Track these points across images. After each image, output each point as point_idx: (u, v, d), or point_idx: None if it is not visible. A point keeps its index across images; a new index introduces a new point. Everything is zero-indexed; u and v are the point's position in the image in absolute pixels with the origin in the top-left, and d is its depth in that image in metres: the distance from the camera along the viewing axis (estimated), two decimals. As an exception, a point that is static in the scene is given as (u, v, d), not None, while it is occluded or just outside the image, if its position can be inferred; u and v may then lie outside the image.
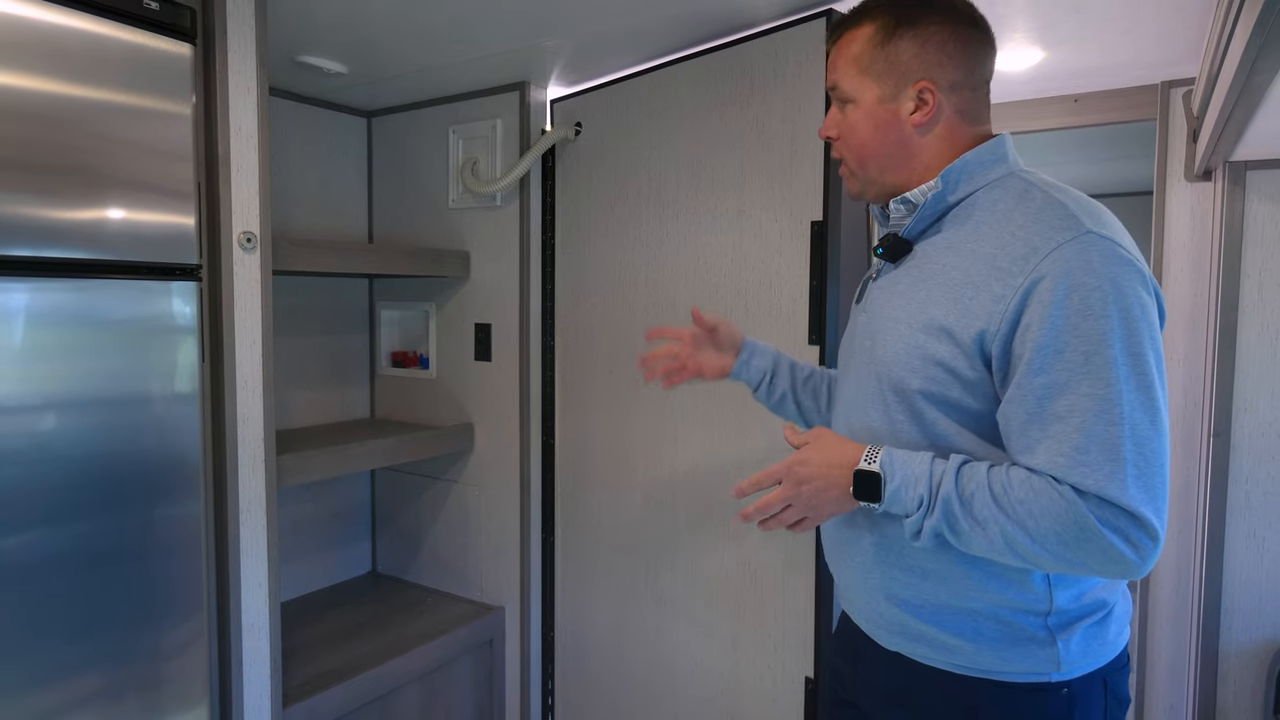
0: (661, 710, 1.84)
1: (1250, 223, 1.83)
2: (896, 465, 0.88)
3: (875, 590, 0.99)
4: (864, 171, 1.01)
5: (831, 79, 1.01)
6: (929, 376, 0.89)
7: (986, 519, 0.83)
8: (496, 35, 1.66)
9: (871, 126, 0.97)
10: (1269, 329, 1.83)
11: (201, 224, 1.32)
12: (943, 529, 0.85)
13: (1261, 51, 0.95)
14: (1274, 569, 1.83)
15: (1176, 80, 1.97)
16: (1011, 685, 0.92)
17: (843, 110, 1.01)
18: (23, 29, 1.10)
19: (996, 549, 0.84)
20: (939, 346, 0.89)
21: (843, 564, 1.04)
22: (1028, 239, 0.85)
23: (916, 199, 0.97)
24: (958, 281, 0.89)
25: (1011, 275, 0.84)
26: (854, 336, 1.07)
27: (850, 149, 1.01)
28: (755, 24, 1.58)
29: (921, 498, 0.86)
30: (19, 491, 1.12)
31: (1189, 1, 1.50)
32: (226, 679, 1.40)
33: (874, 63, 0.96)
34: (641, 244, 1.81)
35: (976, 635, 0.92)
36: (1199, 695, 1.89)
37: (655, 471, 1.82)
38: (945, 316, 0.89)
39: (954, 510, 0.84)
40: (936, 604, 0.94)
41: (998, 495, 0.83)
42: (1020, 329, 0.83)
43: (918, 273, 0.96)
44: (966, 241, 0.91)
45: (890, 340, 0.95)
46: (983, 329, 0.85)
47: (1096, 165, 3.05)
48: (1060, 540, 0.80)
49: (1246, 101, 1.22)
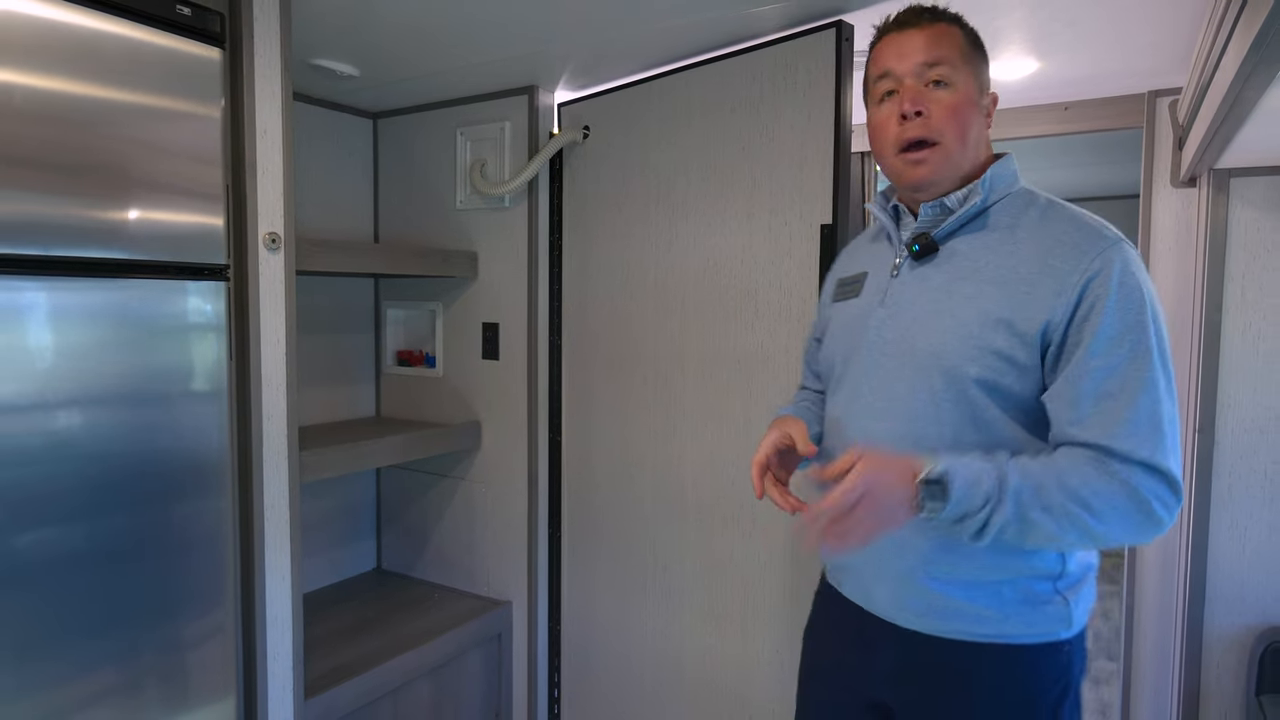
0: (670, 699, 1.89)
1: (1234, 227, 1.91)
2: (958, 469, 0.90)
3: (910, 572, 1.03)
4: (956, 156, 1.02)
5: (936, 54, 1.01)
6: (986, 365, 0.96)
7: (1053, 505, 0.89)
8: (507, 41, 1.69)
9: (972, 113, 1.03)
10: (1251, 330, 1.91)
11: (229, 225, 1.34)
12: (1009, 522, 0.89)
13: (1256, 67, 1.01)
14: (1255, 558, 1.91)
15: (1162, 90, 2.05)
16: (1032, 647, 1.00)
17: (939, 90, 1.01)
18: (63, 34, 1.12)
19: (1060, 532, 0.90)
20: (997, 337, 0.96)
21: (870, 552, 1.06)
22: (1075, 242, 0.96)
23: (954, 204, 1.04)
24: (1008, 278, 0.97)
25: (1067, 272, 0.94)
26: (865, 332, 1.10)
27: (954, 128, 1.01)
28: (762, 35, 1.63)
29: (988, 494, 0.89)
30: (52, 487, 1.14)
31: (1177, 16, 1.57)
32: (251, 671, 1.43)
33: (971, 60, 1.03)
34: (650, 245, 1.86)
35: (1002, 604, 1.00)
36: (1184, 679, 1.97)
37: (661, 467, 1.86)
38: (1002, 310, 0.96)
39: (1024, 500, 0.89)
40: (968, 579, 1.00)
41: (1061, 481, 0.90)
42: (1078, 318, 0.93)
43: (953, 270, 1.02)
44: (1004, 244, 1.00)
45: (940, 332, 1.00)
46: (1047, 319, 0.94)
47: (1085, 170, 3.15)
48: (1117, 512, 0.89)
49: (1236, 113, 1.29)
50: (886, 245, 1.15)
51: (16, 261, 1.09)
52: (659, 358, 1.86)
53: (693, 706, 1.85)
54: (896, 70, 1.03)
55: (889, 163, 1.07)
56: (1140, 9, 1.54)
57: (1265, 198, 1.89)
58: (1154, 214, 2.09)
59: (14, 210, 1.08)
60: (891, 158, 1.06)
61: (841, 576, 1.18)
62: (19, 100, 1.08)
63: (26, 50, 1.08)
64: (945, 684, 1.04)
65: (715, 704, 1.80)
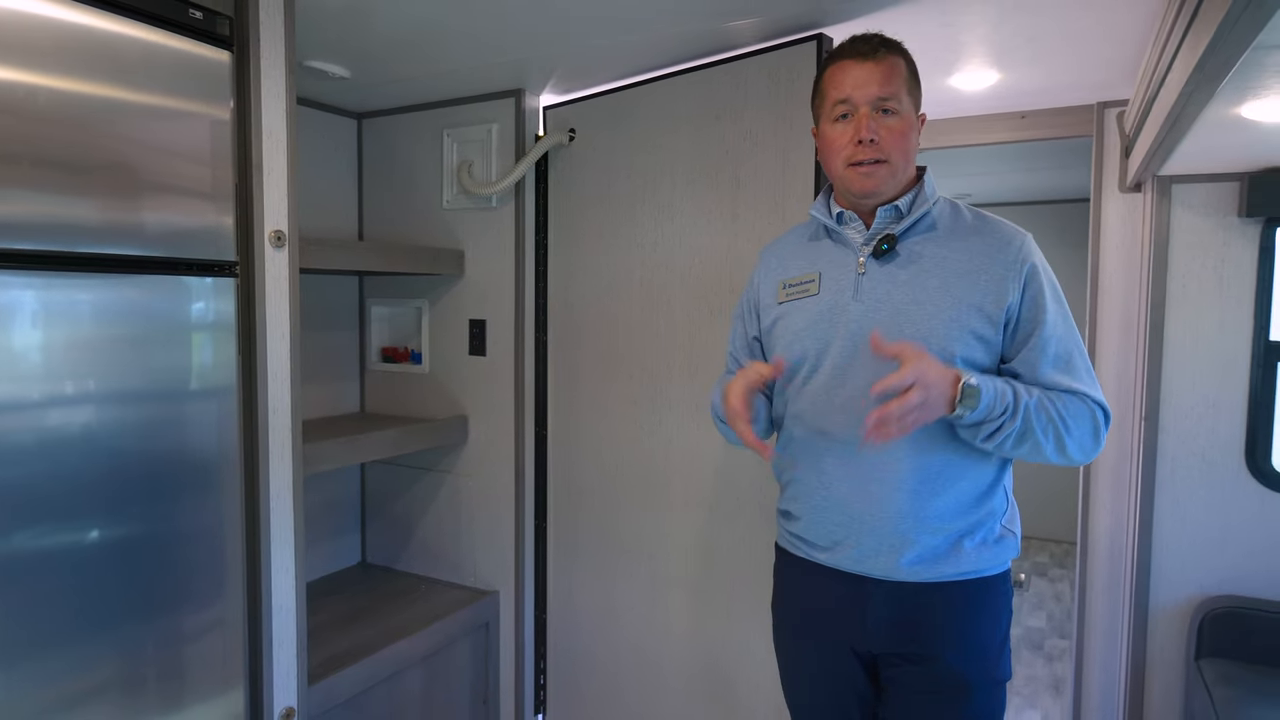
0: (654, 683, 1.97)
1: (1175, 230, 2.07)
2: (986, 383, 1.11)
3: (906, 531, 1.20)
4: (904, 171, 1.23)
5: (888, 89, 1.19)
6: (966, 344, 1.17)
7: (1046, 422, 1.14)
8: (496, 49, 1.75)
9: (913, 136, 1.23)
10: (1190, 323, 2.07)
11: (237, 223, 1.38)
12: (1015, 431, 1.12)
13: (1199, 86, 1.13)
14: (1194, 535, 2.07)
15: (1110, 101, 2.20)
16: (994, 576, 1.24)
17: (889, 118, 1.20)
18: (84, 37, 1.15)
19: (1044, 443, 1.14)
20: (973, 320, 1.18)
21: (875, 517, 1.22)
22: (1005, 238, 1.21)
23: (905, 208, 1.24)
24: (967, 270, 1.19)
25: (1012, 263, 1.19)
26: (839, 324, 1.23)
27: (900, 152, 1.21)
28: (742, 46, 1.72)
29: (1007, 406, 1.11)
30: (68, 482, 1.17)
31: (1125, 35, 1.70)
32: (258, 658, 1.47)
33: (913, 88, 1.24)
34: (636, 245, 1.93)
35: (975, 544, 1.21)
36: (1130, 650, 2.12)
37: (646, 459, 1.94)
38: (973, 297, 1.18)
39: (1030, 415, 1.12)
40: (954, 526, 1.21)
41: (1053, 403, 1.15)
42: (1026, 299, 1.18)
43: (918, 267, 1.21)
44: (951, 243, 1.22)
45: (924, 319, 1.18)
46: (1010, 302, 1.18)
47: (1040, 174, 3.32)
48: (1083, 434, 1.16)
49: (1179, 126, 1.41)
50: (834, 246, 1.30)
51: (38, 257, 1.12)
52: (645, 354, 1.93)
53: (677, 689, 1.93)
54: (855, 98, 1.20)
55: (839, 173, 1.24)
56: (1094, 28, 1.66)
57: (1204, 203, 2.05)
58: (1103, 217, 2.24)
59: (36, 209, 1.11)
60: (842, 170, 1.23)
61: (828, 547, 1.28)
62: (43, 101, 1.10)
63: (49, 52, 1.11)
64: (933, 621, 1.21)
65: (700, 685, 1.88)
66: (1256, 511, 2.02)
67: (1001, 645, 1.26)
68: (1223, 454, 2.04)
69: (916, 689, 1.24)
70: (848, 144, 1.21)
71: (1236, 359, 2.02)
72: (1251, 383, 2.01)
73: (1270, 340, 2.00)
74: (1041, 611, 3.74)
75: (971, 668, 1.23)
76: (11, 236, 1.09)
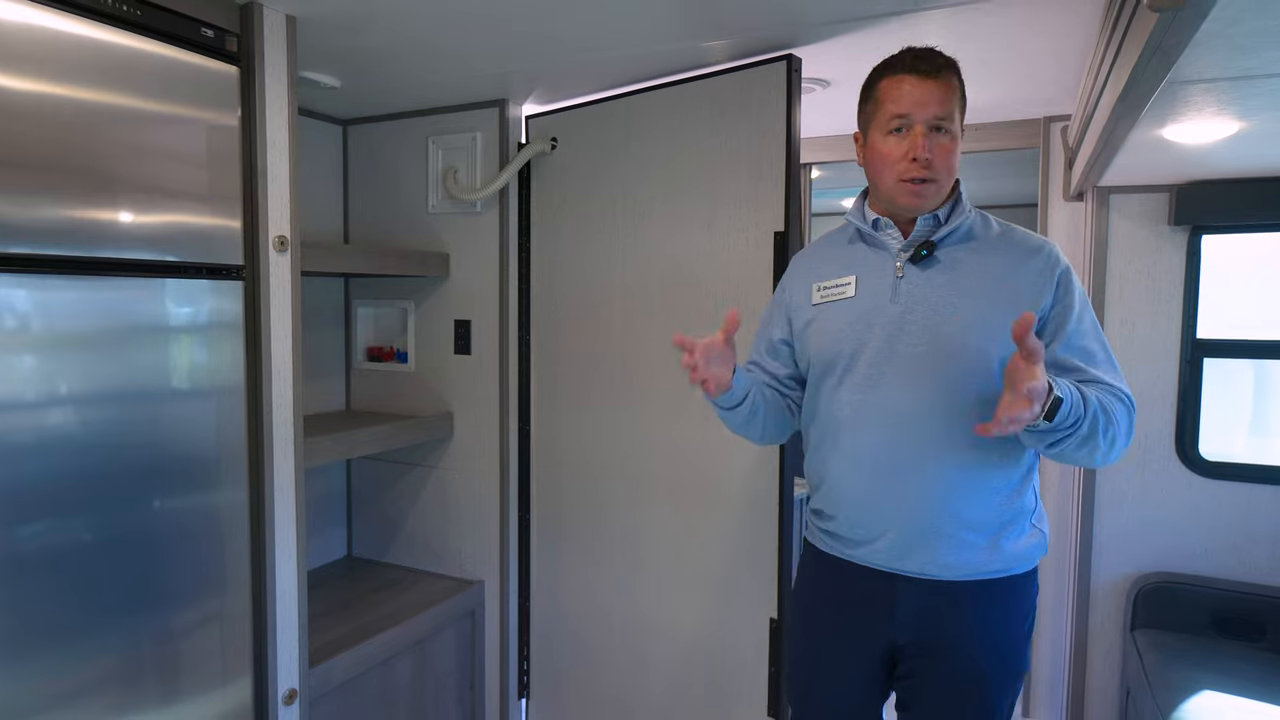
0: (635, 667, 2.08)
1: (1113, 236, 2.24)
2: (1067, 396, 1.10)
3: (943, 529, 1.24)
4: (947, 184, 1.27)
5: (945, 110, 1.22)
6: (1005, 343, 1.13)
7: (1106, 424, 1.15)
8: (483, 63, 1.84)
9: (958, 152, 1.27)
10: (1127, 322, 2.25)
11: (244, 228, 1.46)
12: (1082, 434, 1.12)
13: (1123, 115, 1.28)
14: (1131, 516, 2.25)
15: (1055, 116, 2.37)
16: (1023, 575, 1.28)
17: (945, 139, 1.23)
18: (104, 52, 1.23)
19: (1103, 442, 1.15)
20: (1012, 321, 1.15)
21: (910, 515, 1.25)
22: (1035, 246, 1.28)
23: (944, 217, 1.29)
24: (1008, 275, 1.25)
25: (1045, 269, 1.25)
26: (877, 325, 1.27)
27: (947, 170, 1.25)
28: (716, 64, 1.83)
29: (1076, 420, 1.11)
30: (86, 476, 1.24)
31: (1068, 57, 1.85)
32: (262, 642, 1.54)
33: (963, 106, 1.28)
34: (616, 250, 2.04)
35: (1007, 543, 1.26)
36: (1074, 623, 2.30)
37: (628, 453, 2.05)
38: (1011, 299, 1.22)
39: (1097, 420, 1.14)
40: (986, 524, 1.25)
41: (1107, 407, 1.16)
42: (1059, 302, 1.24)
43: (954, 273, 1.27)
44: (985, 252, 1.28)
45: (965, 321, 1.23)
46: (1045, 305, 1.24)
47: (994, 182, 3.51)
48: (1124, 430, 1.19)
49: (1110, 145, 1.57)
50: (870, 250, 1.34)
51: (62, 262, 1.19)
52: (625, 353, 2.04)
53: (658, 674, 2.04)
54: (914, 116, 1.22)
55: (889, 185, 1.26)
56: (1039, 52, 1.81)
57: (1139, 212, 2.23)
58: (1050, 223, 2.41)
59: (58, 214, 1.18)
60: (893, 183, 1.26)
61: (862, 545, 1.32)
62: (68, 114, 1.18)
63: (75, 67, 1.19)
64: (962, 618, 1.26)
65: (679, 669, 2.00)
66: (1185, 495, 2.20)
67: (1025, 641, 1.30)
68: (1156, 443, 2.22)
69: (936, 679, 1.28)
70: (901, 159, 1.23)
71: (1167, 355, 2.20)
72: (1180, 377, 2.19)
73: (1197, 338, 2.19)
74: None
75: (993, 663, 1.26)
76: (41, 241, 1.16)
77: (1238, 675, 1.89)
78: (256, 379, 1.51)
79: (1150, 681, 1.88)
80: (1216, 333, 2.19)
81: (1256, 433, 2.28)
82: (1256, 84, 1.20)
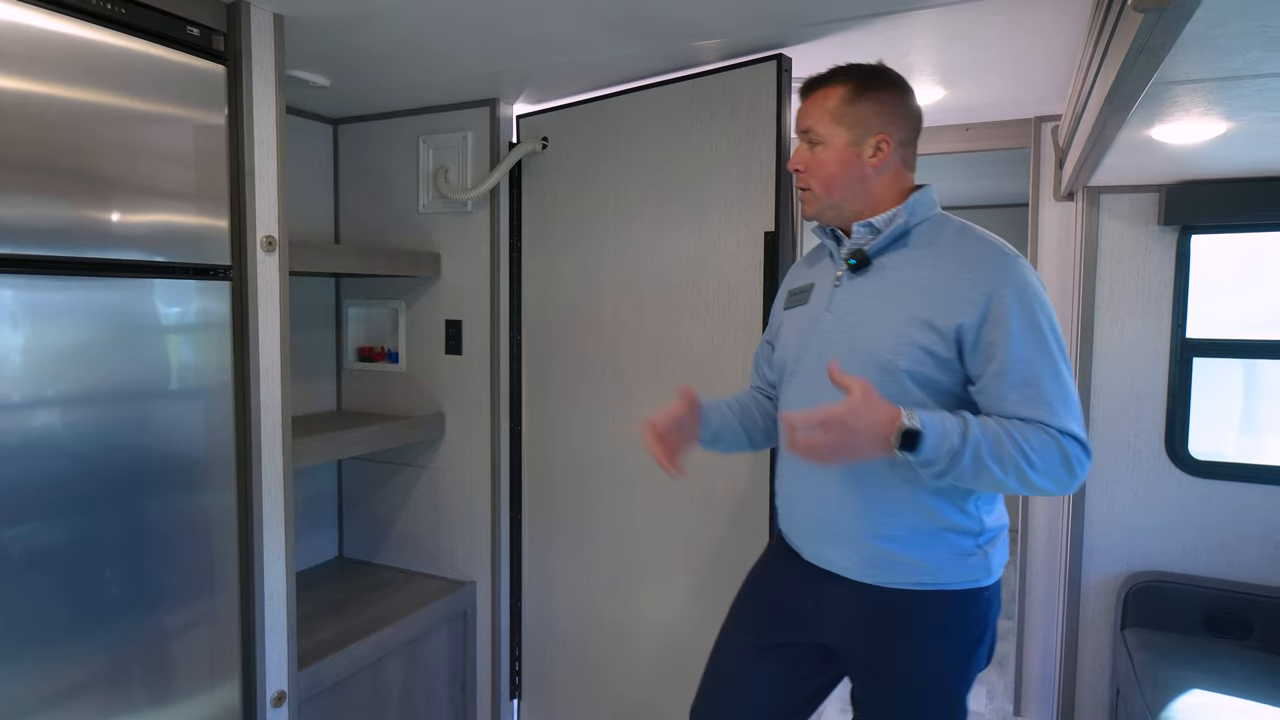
0: (628, 665, 2.08)
1: (1103, 236, 2.25)
2: (930, 421, 1.09)
3: (858, 533, 1.25)
4: (829, 198, 1.29)
5: (806, 123, 1.29)
6: (913, 358, 1.17)
7: (1004, 455, 1.09)
8: (473, 62, 1.84)
9: (839, 164, 1.27)
10: (1117, 323, 2.26)
11: (231, 228, 1.45)
12: (965, 469, 1.09)
13: (1111, 115, 1.28)
14: (1121, 515, 2.26)
15: (1046, 116, 2.37)
16: (960, 592, 1.23)
17: (812, 149, 1.29)
18: (90, 51, 1.22)
19: (1004, 477, 1.10)
20: (920, 335, 1.18)
21: (826, 518, 1.29)
22: (981, 258, 1.19)
23: (881, 225, 1.27)
24: (929, 287, 1.20)
25: (977, 284, 1.16)
26: (814, 333, 1.31)
27: (818, 180, 1.28)
28: (707, 64, 1.83)
29: (953, 447, 1.08)
30: (71, 477, 1.23)
31: (1058, 57, 1.86)
32: (250, 644, 1.54)
33: (844, 116, 1.27)
34: (607, 249, 2.04)
35: (936, 557, 1.22)
36: (1065, 623, 2.30)
37: (618, 452, 2.04)
38: (925, 312, 1.18)
39: (982, 452, 1.08)
40: (909, 535, 1.22)
41: (1011, 435, 1.10)
42: (989, 322, 1.14)
43: (886, 281, 1.25)
44: (926, 259, 1.23)
45: (876, 332, 1.22)
46: (961, 322, 1.16)
47: (985, 181, 3.52)
48: (1050, 466, 1.11)
49: (1099, 145, 1.57)
50: (828, 261, 1.37)
51: (47, 263, 1.18)
52: (616, 352, 2.04)
53: (649, 674, 2.04)
54: (796, 132, 1.33)
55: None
56: (1030, 51, 1.82)
57: (1129, 212, 2.23)
58: (1040, 223, 2.41)
59: (43, 214, 1.17)
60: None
61: (796, 538, 1.38)
62: (54, 113, 1.17)
63: (61, 66, 1.18)
64: (891, 626, 1.25)
65: (670, 669, 2.00)
66: (1174, 494, 2.21)
67: (960, 663, 1.25)
68: (1145, 442, 2.23)
69: (860, 680, 1.33)
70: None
71: (1157, 355, 2.21)
72: (1170, 377, 2.20)
73: (1186, 338, 2.20)
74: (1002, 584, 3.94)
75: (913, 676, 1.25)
76: (25, 242, 1.15)
77: (1227, 674, 1.90)
78: (244, 379, 1.50)
79: (1140, 680, 1.89)
80: (1206, 332, 2.20)
81: (1246, 432, 2.29)
82: (1243, 84, 1.20)
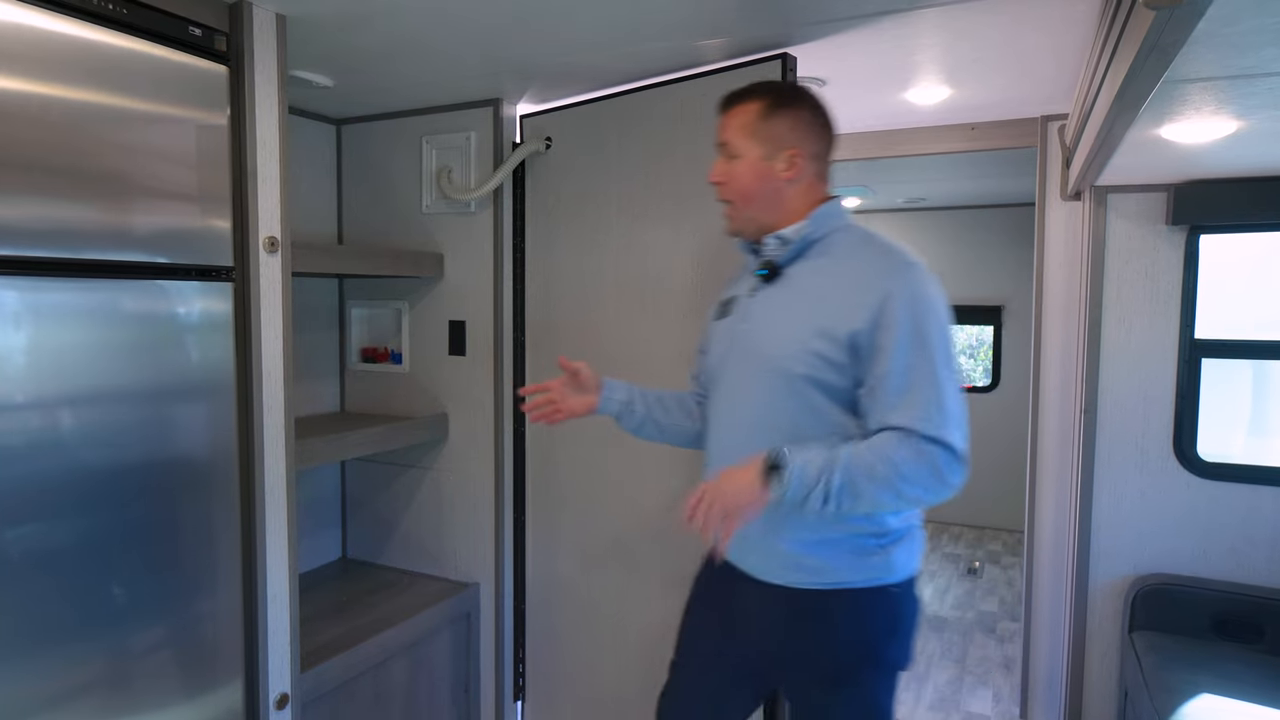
0: (632, 668, 2.07)
1: (1110, 236, 2.23)
2: (792, 454, 1.15)
3: (768, 537, 1.29)
4: (746, 210, 1.34)
5: (723, 137, 1.34)
6: (809, 364, 1.23)
7: (876, 474, 1.13)
8: (476, 62, 1.83)
9: (753, 177, 1.31)
10: (1125, 323, 2.24)
11: (234, 229, 1.44)
12: (843, 489, 1.13)
13: (1120, 114, 1.27)
14: (1129, 517, 2.24)
15: (1053, 115, 2.35)
16: (865, 590, 1.26)
17: (729, 162, 1.33)
18: (92, 51, 1.21)
19: (880, 494, 1.14)
20: (816, 342, 1.23)
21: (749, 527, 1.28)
22: (876, 267, 1.23)
23: (790, 236, 1.31)
24: (828, 296, 1.25)
25: (870, 291, 1.20)
26: (733, 342, 1.36)
27: (735, 193, 1.33)
28: (711, 63, 1.82)
29: (821, 470, 1.13)
30: (75, 479, 1.23)
31: (1065, 55, 1.84)
32: (253, 646, 1.53)
33: (758, 131, 1.31)
34: (610, 250, 2.03)
35: (839, 558, 1.26)
36: (1072, 626, 2.28)
37: (621, 452, 2.03)
38: (820, 320, 1.23)
39: (854, 473, 1.13)
40: (812, 540, 1.26)
41: (881, 455, 1.13)
42: (879, 328, 1.18)
43: (791, 291, 1.30)
44: (829, 269, 1.28)
45: (777, 340, 1.27)
46: (854, 329, 1.20)
47: (990, 181, 3.50)
48: (919, 475, 1.13)
49: (1108, 144, 1.56)
50: (748, 274, 1.42)
51: (50, 264, 1.18)
52: (619, 352, 2.03)
53: (653, 677, 2.03)
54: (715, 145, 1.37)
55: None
56: (1036, 49, 1.80)
57: (1136, 211, 2.21)
58: (1047, 223, 2.40)
59: (46, 215, 1.17)
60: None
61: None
62: (56, 114, 1.16)
63: (63, 67, 1.17)
64: (801, 624, 1.30)
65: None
66: (1183, 496, 2.19)
67: (871, 660, 1.27)
68: (1154, 443, 2.21)
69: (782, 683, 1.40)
70: None
71: (1165, 355, 2.19)
72: (1179, 378, 2.18)
73: (1195, 338, 2.18)
74: (994, 596, 3.92)
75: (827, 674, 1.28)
76: (28, 244, 1.15)
77: (1236, 678, 1.88)
78: (247, 381, 1.49)
79: (1148, 683, 1.87)
80: (1214, 333, 2.18)
81: (1255, 433, 2.27)
82: (1255, 83, 1.19)
